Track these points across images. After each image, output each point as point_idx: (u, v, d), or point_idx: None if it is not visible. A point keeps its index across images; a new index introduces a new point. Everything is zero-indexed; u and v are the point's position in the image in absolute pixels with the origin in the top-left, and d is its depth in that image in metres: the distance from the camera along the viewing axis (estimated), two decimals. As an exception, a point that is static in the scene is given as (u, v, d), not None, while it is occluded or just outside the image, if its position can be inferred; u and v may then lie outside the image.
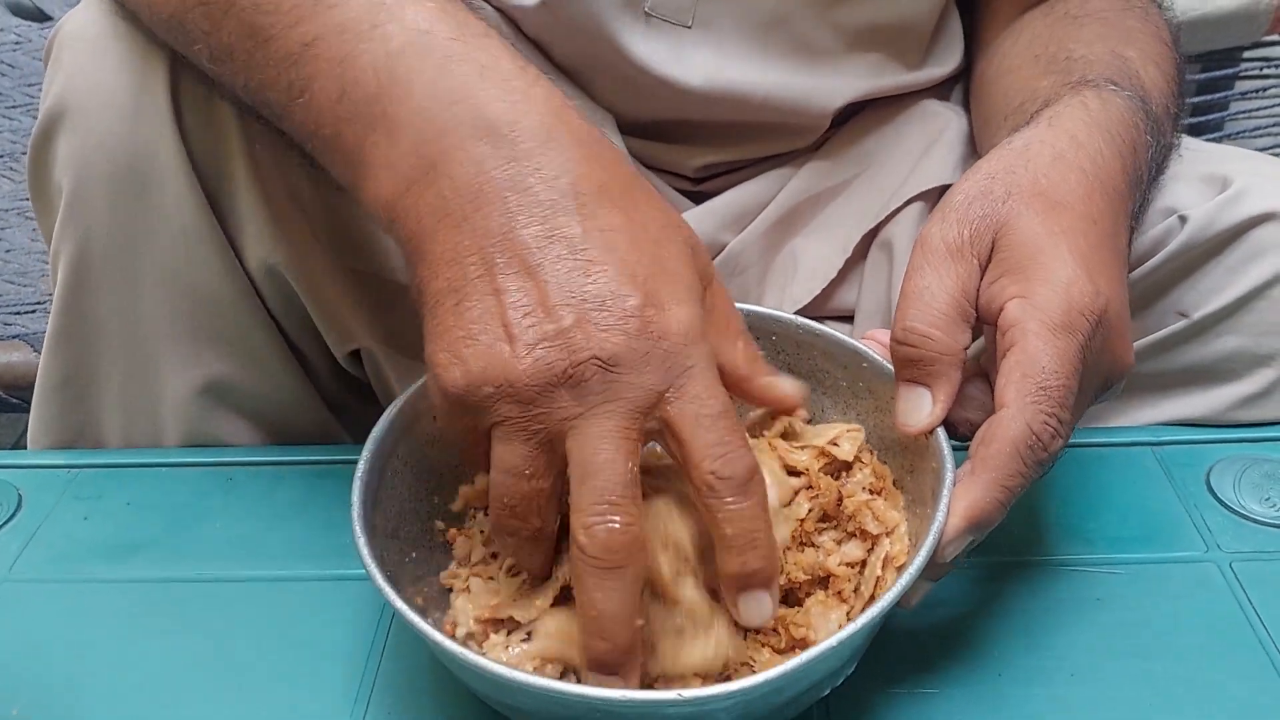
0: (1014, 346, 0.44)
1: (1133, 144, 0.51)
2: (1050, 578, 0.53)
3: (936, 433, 0.46)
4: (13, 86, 1.28)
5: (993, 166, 0.48)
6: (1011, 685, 0.48)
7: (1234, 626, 0.50)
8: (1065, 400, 0.43)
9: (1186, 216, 0.58)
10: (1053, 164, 0.48)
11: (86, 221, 0.56)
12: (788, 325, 0.53)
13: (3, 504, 0.60)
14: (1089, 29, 0.60)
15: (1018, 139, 0.50)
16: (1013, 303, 0.45)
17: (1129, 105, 0.52)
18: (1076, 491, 0.58)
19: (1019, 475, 0.43)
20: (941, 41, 0.68)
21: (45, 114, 0.55)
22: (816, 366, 0.52)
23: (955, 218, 0.47)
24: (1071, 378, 0.43)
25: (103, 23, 0.55)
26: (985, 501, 0.43)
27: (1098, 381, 0.46)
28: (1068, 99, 0.52)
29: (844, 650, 0.40)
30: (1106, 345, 0.46)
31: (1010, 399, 0.43)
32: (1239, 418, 0.61)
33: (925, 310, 0.45)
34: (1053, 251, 0.45)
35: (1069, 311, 0.44)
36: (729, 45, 0.63)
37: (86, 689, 0.49)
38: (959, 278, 0.46)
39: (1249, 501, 0.57)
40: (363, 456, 0.46)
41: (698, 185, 0.70)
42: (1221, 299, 0.58)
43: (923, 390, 0.46)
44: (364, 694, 0.49)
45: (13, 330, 0.98)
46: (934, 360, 0.45)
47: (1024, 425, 0.43)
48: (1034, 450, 0.43)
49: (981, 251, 0.46)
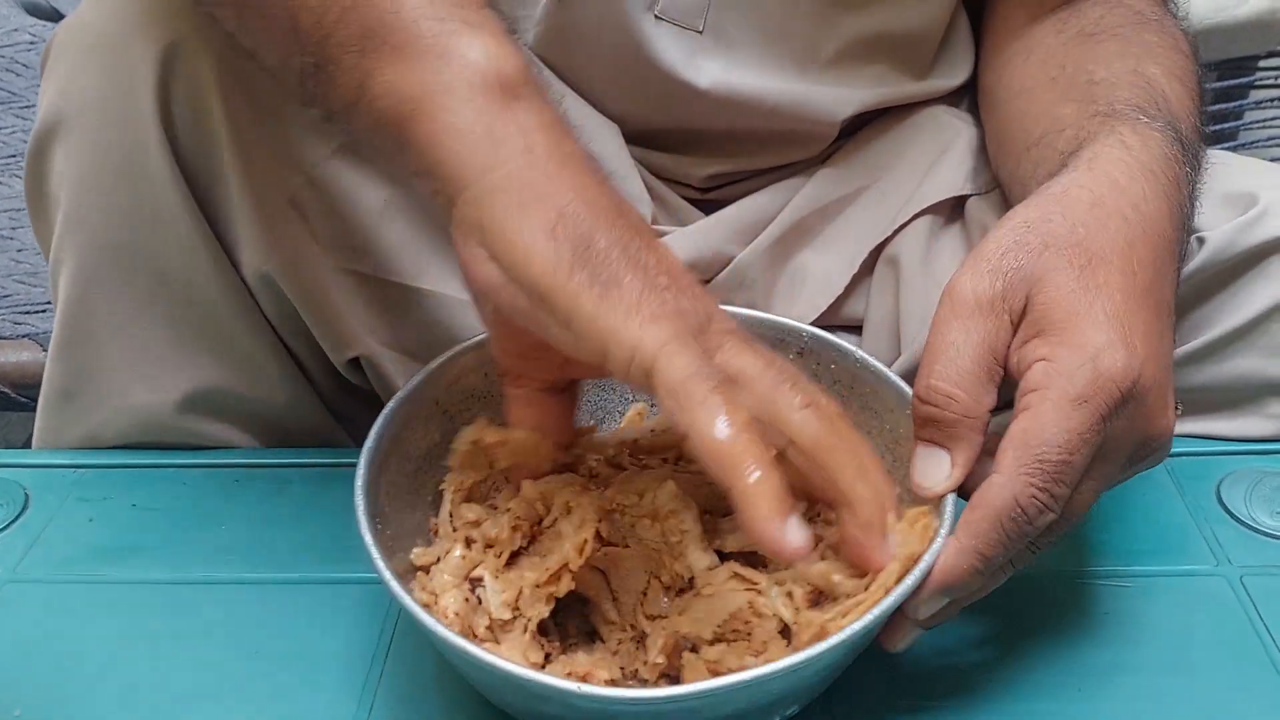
0: (1027, 411, 0.42)
1: (1176, 180, 0.49)
2: (1060, 591, 0.53)
3: (946, 498, 0.44)
4: (26, 87, 1.28)
5: (1030, 215, 0.46)
6: (1019, 700, 0.48)
7: (1244, 641, 0.50)
8: (1061, 476, 0.41)
9: (1205, 238, 0.57)
10: (1091, 211, 0.46)
11: (86, 234, 0.56)
12: (848, 356, 0.52)
13: (9, 503, 0.60)
14: (1106, 47, 0.58)
15: (1056, 184, 0.48)
16: (1038, 365, 0.43)
17: (1164, 138, 0.50)
18: (1086, 503, 0.58)
19: (998, 545, 0.42)
20: (951, 52, 0.68)
21: (39, 125, 0.55)
22: (867, 405, 0.52)
23: (988, 269, 0.44)
24: (1077, 452, 0.42)
25: (93, 30, 0.54)
26: (959, 566, 0.42)
27: (1129, 449, 0.44)
28: (1104, 138, 0.50)
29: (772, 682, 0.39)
30: (1140, 412, 0.43)
31: (1004, 466, 0.42)
32: (1252, 436, 0.60)
33: (950, 369, 0.43)
34: (1087, 314, 0.43)
35: (1094, 381, 0.42)
36: (739, 51, 0.62)
37: (90, 690, 0.49)
38: (987, 335, 0.44)
39: (1260, 515, 0.56)
40: (361, 460, 0.46)
41: (705, 195, 0.70)
42: (1236, 319, 0.57)
43: (942, 453, 0.44)
44: (368, 696, 0.48)
45: (22, 330, 0.98)
46: (955, 423, 0.43)
47: (1010, 496, 0.41)
48: (1016, 522, 0.41)
49: (1014, 308, 0.44)
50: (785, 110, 0.64)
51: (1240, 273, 0.57)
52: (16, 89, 1.29)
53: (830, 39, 0.63)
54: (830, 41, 0.63)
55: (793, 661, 0.39)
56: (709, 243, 0.67)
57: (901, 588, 0.42)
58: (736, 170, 0.68)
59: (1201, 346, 0.58)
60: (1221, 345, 0.58)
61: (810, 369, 0.53)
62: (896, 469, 0.50)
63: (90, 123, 0.54)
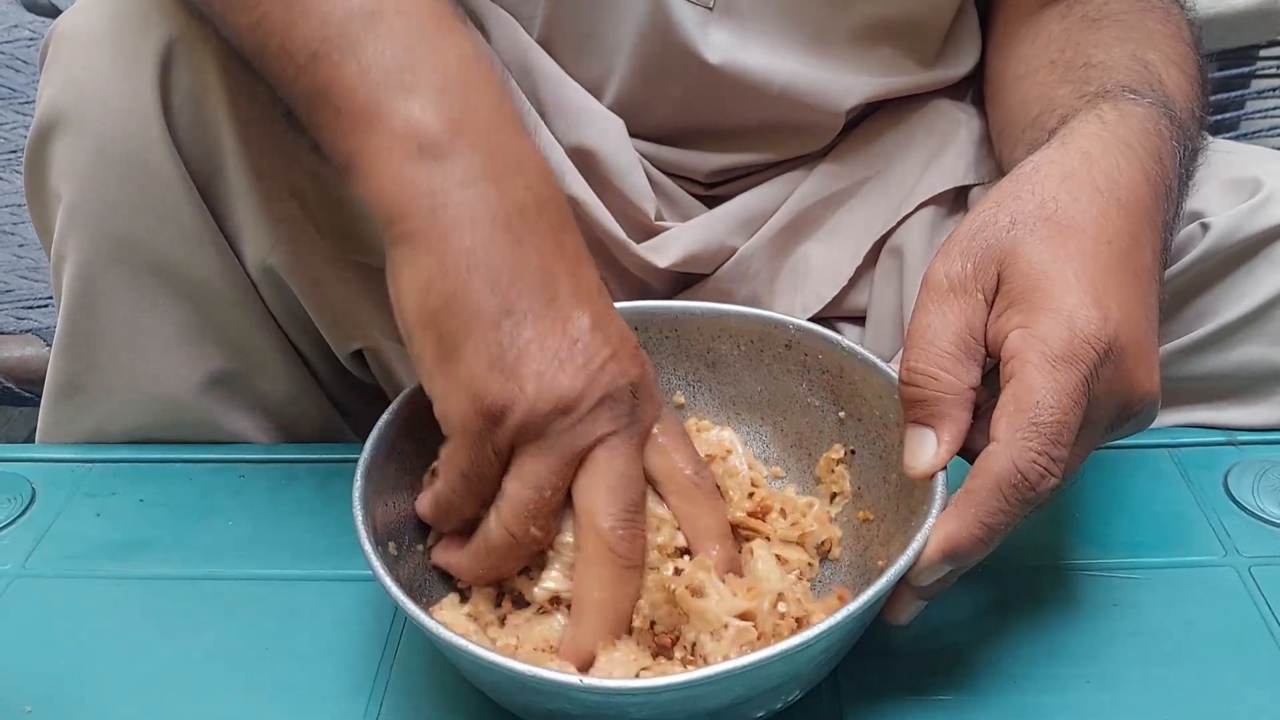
0: (1013, 378, 0.43)
1: (1157, 153, 0.49)
2: (1066, 582, 0.53)
3: (937, 475, 0.45)
4: (27, 83, 1.28)
5: (1000, 194, 0.47)
6: (1027, 692, 0.47)
7: (1252, 631, 0.50)
8: (1059, 436, 0.42)
9: (1209, 224, 0.57)
10: (1062, 184, 0.47)
11: (89, 228, 0.56)
12: (835, 346, 0.52)
13: (16, 498, 0.60)
14: (1108, 32, 0.58)
15: (1028, 163, 0.49)
16: (1015, 333, 0.43)
17: (1150, 114, 0.51)
18: (1093, 495, 0.57)
19: (1001, 513, 0.42)
20: (957, 41, 0.68)
21: (39, 120, 0.55)
22: (856, 393, 0.52)
23: (958, 251, 0.46)
24: (1070, 412, 0.42)
25: (93, 25, 0.54)
26: (962, 535, 0.42)
27: (1112, 412, 0.45)
28: (1083, 114, 0.51)
29: (772, 666, 0.39)
30: (1120, 373, 0.43)
31: (1000, 433, 0.42)
32: (1259, 425, 0.60)
33: (928, 350, 0.44)
34: (1058, 278, 0.44)
35: (1072, 341, 0.42)
36: (749, 29, 0.62)
37: (97, 685, 0.49)
38: (963, 314, 0.45)
39: (1268, 505, 0.56)
40: (359, 468, 0.46)
41: (710, 190, 0.70)
42: (1242, 306, 0.57)
43: (928, 432, 0.45)
44: (377, 693, 0.48)
45: (26, 325, 0.99)
46: (937, 400, 0.44)
47: (1009, 462, 0.42)
48: (1018, 489, 0.42)
49: (987, 285, 0.45)
50: (792, 95, 0.64)
51: (1245, 259, 0.57)
52: (16, 85, 1.29)
53: (839, 21, 0.63)
54: (839, 24, 0.63)
55: (793, 644, 0.39)
56: (713, 235, 0.67)
57: (897, 566, 0.42)
58: (742, 164, 0.68)
59: (1208, 334, 0.58)
60: (1228, 333, 0.58)
61: (799, 360, 0.53)
62: (886, 456, 0.51)
63: (92, 117, 0.54)
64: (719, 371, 0.55)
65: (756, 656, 0.38)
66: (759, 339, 0.54)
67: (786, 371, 0.54)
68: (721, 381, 0.56)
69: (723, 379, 0.55)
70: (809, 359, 0.53)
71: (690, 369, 0.56)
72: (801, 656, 0.40)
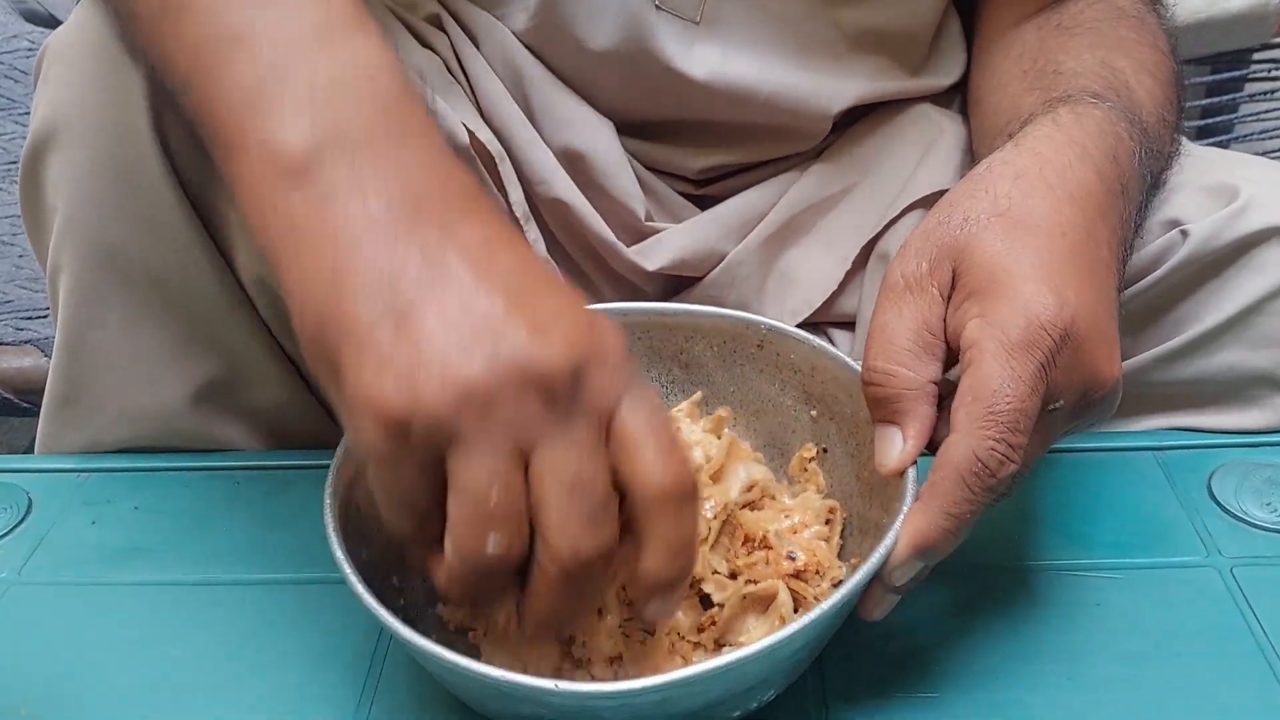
0: (970, 367, 0.43)
1: (1111, 153, 0.50)
2: (1049, 582, 0.53)
3: (908, 471, 0.45)
4: (26, 93, 1.29)
5: (953, 195, 0.48)
6: (1010, 690, 0.48)
7: (1234, 632, 0.50)
8: (1016, 424, 0.42)
9: (1189, 231, 0.57)
10: (1014, 183, 0.47)
11: (84, 241, 0.56)
12: (805, 345, 0.53)
13: (13, 507, 0.60)
14: (1079, 39, 0.59)
15: (982, 164, 0.49)
16: (972, 323, 0.44)
17: (1108, 116, 0.51)
18: (1077, 495, 0.58)
19: (965, 502, 0.42)
20: (943, 52, 0.68)
21: (34, 135, 0.56)
22: (827, 392, 0.53)
23: (913, 251, 0.46)
24: (1027, 399, 0.42)
25: (85, 41, 0.55)
26: (930, 529, 0.43)
27: (1073, 398, 0.45)
28: (1040, 118, 0.51)
29: (748, 666, 0.40)
30: (1080, 358, 0.44)
31: (959, 423, 0.42)
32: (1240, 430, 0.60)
33: (886, 348, 0.45)
34: (1014, 268, 0.44)
35: (1028, 328, 0.42)
36: (735, 42, 0.63)
37: (94, 692, 0.50)
38: (919, 310, 0.45)
39: (1250, 507, 0.56)
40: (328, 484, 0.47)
41: (700, 189, 0.70)
42: (1222, 312, 0.57)
43: (894, 429, 0.45)
44: (367, 697, 0.49)
45: (25, 335, 0.99)
46: (899, 397, 0.45)
47: (969, 451, 0.42)
48: (980, 477, 0.42)
49: (942, 281, 0.46)
50: (779, 103, 0.64)
51: (1225, 266, 0.57)
52: (15, 95, 1.30)
53: (824, 32, 0.64)
54: (824, 34, 0.64)
55: (767, 644, 0.39)
56: (702, 239, 0.67)
57: (869, 565, 0.42)
58: (731, 163, 0.69)
59: (1189, 341, 0.58)
60: (1209, 339, 0.58)
61: (771, 359, 0.54)
62: (858, 454, 0.51)
63: (85, 130, 0.55)
64: (692, 372, 0.56)
65: (731, 658, 0.39)
66: (731, 339, 0.55)
67: (759, 371, 0.55)
68: (695, 382, 0.56)
69: (696, 380, 0.56)
70: (781, 358, 0.54)
71: (664, 370, 0.56)
72: (775, 656, 0.41)
